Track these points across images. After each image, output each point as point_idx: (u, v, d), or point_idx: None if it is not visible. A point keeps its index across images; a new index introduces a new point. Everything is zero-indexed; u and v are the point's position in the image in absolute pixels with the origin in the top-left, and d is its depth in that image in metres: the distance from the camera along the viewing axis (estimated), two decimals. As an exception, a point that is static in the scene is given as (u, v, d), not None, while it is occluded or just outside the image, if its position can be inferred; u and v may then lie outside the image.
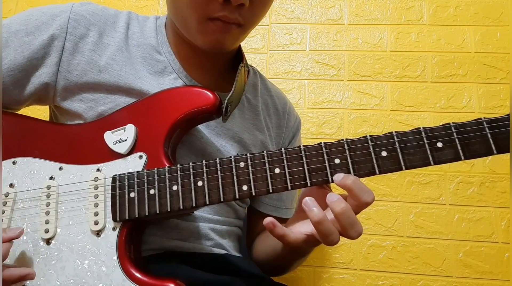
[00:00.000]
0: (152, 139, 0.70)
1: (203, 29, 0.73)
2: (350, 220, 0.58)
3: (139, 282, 0.62)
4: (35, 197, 0.69)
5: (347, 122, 1.34)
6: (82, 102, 0.76)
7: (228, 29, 0.72)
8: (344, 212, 0.57)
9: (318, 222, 0.58)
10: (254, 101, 0.92)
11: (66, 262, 0.65)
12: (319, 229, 0.58)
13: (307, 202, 0.59)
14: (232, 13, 0.70)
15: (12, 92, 0.76)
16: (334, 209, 0.57)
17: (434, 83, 1.35)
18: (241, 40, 0.80)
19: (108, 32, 0.80)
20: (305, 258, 0.88)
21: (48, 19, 0.76)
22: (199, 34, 0.74)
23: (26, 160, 0.72)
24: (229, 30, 0.73)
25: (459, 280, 1.17)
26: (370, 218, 1.24)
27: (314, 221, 0.58)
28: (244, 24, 0.74)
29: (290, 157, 0.63)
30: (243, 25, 0.74)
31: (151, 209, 0.65)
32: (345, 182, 0.59)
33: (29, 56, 0.75)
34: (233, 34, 0.74)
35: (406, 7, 1.43)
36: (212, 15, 0.70)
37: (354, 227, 0.58)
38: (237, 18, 0.72)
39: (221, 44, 0.75)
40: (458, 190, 1.24)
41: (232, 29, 0.73)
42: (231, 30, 0.73)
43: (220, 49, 0.77)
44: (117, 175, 0.67)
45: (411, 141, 0.60)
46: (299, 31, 1.45)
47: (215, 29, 0.72)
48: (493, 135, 0.57)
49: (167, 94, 0.73)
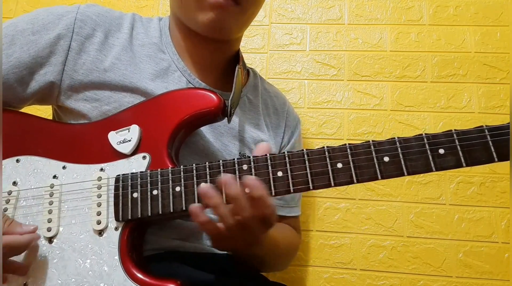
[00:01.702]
0: (156, 140, 0.70)
1: (201, 5, 0.76)
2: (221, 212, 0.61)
3: (140, 282, 0.63)
4: (38, 195, 0.69)
5: (347, 122, 1.34)
6: (87, 101, 0.76)
7: (225, 4, 0.75)
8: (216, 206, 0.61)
9: (215, 206, 0.61)
10: (255, 101, 0.93)
11: (68, 261, 0.65)
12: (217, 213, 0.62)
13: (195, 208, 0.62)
14: None
15: (16, 90, 0.76)
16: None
17: (434, 83, 1.35)
18: (240, 24, 0.82)
19: (114, 33, 0.81)
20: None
21: (54, 19, 0.77)
22: (198, 11, 0.77)
23: (30, 158, 0.72)
24: (227, 6, 0.75)
25: (459, 280, 1.17)
26: (370, 218, 1.25)
27: (211, 205, 0.61)
28: (241, 2, 0.77)
29: (293, 161, 0.63)
30: (240, 3, 0.77)
31: (154, 209, 0.65)
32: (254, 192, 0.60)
33: (35, 55, 0.75)
34: (231, 12, 0.77)
35: (406, 7, 1.43)
36: None
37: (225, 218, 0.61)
38: None
39: (221, 23, 0.77)
40: (458, 190, 1.25)
41: (230, 5, 0.76)
42: (228, 6, 0.76)
43: (220, 29, 0.79)
44: (121, 175, 0.68)
45: (414, 147, 0.60)
46: (299, 31, 1.45)
47: (213, 4, 0.75)
48: (494, 143, 0.58)
49: (171, 96, 0.74)
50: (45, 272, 0.65)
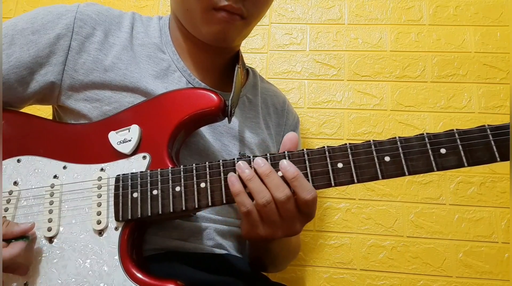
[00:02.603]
0: (156, 140, 0.70)
1: (207, 18, 0.75)
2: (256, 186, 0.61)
3: (140, 282, 0.63)
4: (38, 195, 0.69)
5: (347, 122, 1.34)
6: (87, 101, 0.76)
7: (232, 19, 0.75)
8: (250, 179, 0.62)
9: (249, 180, 0.61)
10: (254, 100, 0.93)
11: (68, 261, 0.65)
12: (250, 187, 0.61)
13: (231, 177, 0.63)
14: (237, 3, 0.73)
15: (16, 90, 0.76)
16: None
17: (434, 83, 1.35)
18: (243, 35, 0.82)
19: (114, 32, 0.81)
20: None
21: (54, 18, 0.77)
22: (204, 24, 0.76)
23: (31, 158, 0.72)
24: (233, 21, 0.75)
25: (459, 280, 1.17)
26: (370, 218, 1.25)
27: (245, 178, 0.61)
28: (247, 16, 0.76)
29: (293, 160, 0.63)
30: (246, 18, 0.77)
31: (154, 209, 0.65)
32: (287, 173, 0.61)
33: (35, 54, 0.75)
34: (237, 26, 0.76)
35: (406, 7, 1.43)
36: (217, 5, 0.73)
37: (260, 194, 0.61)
38: (241, 9, 0.74)
39: (225, 35, 0.77)
40: (458, 190, 1.25)
41: (236, 20, 0.75)
42: (235, 21, 0.75)
43: (223, 40, 0.79)
44: (121, 175, 0.68)
45: (415, 147, 0.60)
46: (299, 31, 1.45)
47: (219, 19, 0.74)
48: (496, 143, 0.58)
49: (171, 96, 0.74)
50: (45, 272, 0.65)
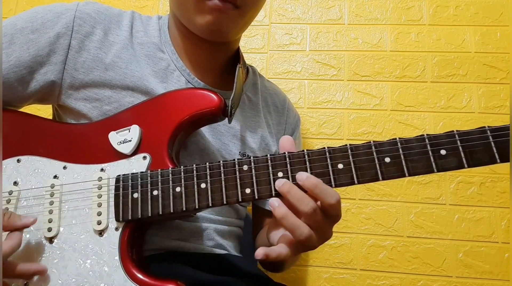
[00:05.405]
0: (156, 141, 0.70)
1: (200, 8, 0.75)
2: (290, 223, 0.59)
3: (140, 282, 0.63)
4: (39, 195, 0.69)
5: (347, 122, 1.34)
6: (87, 101, 0.76)
7: (225, 7, 0.74)
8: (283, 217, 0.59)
9: (282, 218, 0.59)
10: (254, 99, 0.93)
11: (68, 261, 0.65)
12: (284, 225, 0.59)
13: (272, 202, 0.60)
14: None
15: (16, 89, 0.76)
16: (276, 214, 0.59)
17: (434, 83, 1.35)
18: (239, 27, 0.82)
19: (113, 30, 0.81)
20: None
21: (53, 17, 0.77)
22: (196, 13, 0.76)
23: (31, 158, 0.72)
24: (226, 9, 0.74)
25: (459, 280, 1.17)
26: (370, 218, 1.25)
27: (278, 217, 0.59)
28: (240, 5, 0.76)
29: (293, 161, 0.63)
30: (240, 7, 0.76)
31: (154, 210, 0.65)
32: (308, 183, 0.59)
33: (35, 54, 0.75)
34: (230, 16, 0.76)
35: (406, 7, 1.43)
36: None
37: (297, 231, 0.59)
38: None
39: (219, 26, 0.77)
40: (458, 190, 1.25)
41: (229, 9, 0.74)
42: (227, 10, 0.74)
43: (218, 32, 0.78)
44: (121, 175, 0.68)
45: (415, 148, 0.60)
46: (299, 31, 1.45)
47: (211, 7, 0.73)
48: (496, 144, 0.57)
49: (172, 96, 0.74)
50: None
